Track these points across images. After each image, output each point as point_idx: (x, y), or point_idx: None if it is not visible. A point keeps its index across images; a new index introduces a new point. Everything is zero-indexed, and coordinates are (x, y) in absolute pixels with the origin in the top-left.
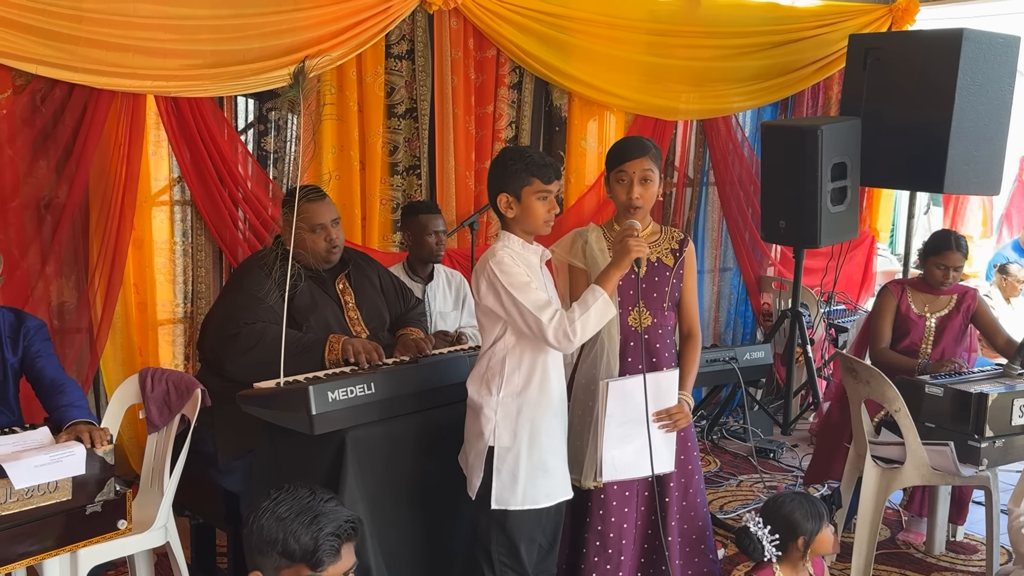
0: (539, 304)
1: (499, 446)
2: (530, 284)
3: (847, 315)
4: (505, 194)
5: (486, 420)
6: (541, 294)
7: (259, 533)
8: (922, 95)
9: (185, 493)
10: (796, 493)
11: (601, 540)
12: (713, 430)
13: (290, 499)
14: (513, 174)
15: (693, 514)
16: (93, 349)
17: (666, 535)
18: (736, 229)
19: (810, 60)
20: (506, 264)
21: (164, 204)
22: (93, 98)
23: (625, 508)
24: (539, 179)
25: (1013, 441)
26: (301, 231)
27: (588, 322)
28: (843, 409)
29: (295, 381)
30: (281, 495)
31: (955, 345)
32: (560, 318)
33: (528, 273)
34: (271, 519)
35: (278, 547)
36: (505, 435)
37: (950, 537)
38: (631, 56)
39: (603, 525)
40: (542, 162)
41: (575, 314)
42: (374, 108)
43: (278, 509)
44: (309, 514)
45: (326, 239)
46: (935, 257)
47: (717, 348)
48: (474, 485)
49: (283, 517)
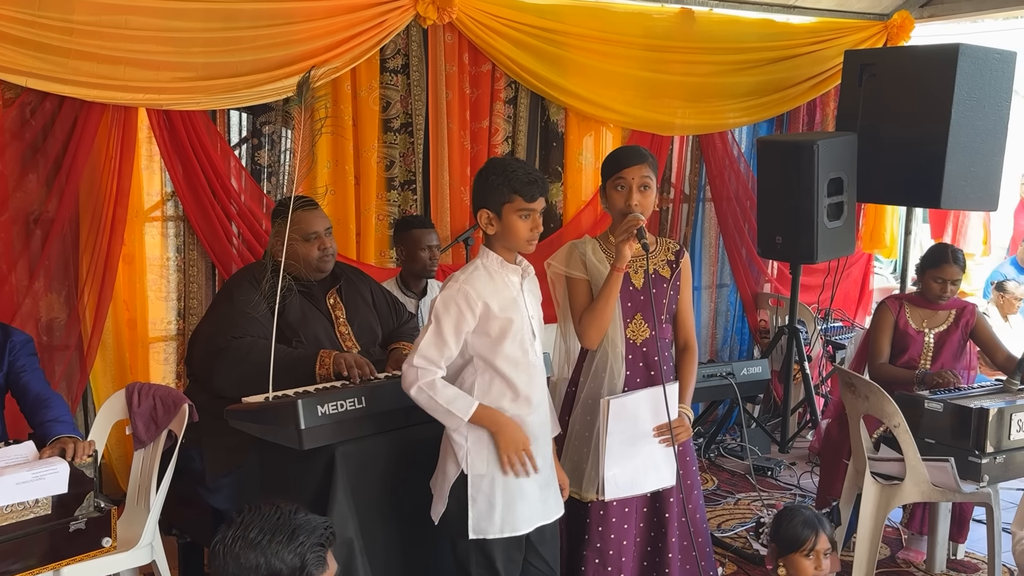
0: (430, 352)
1: (472, 474)
2: (450, 331)
3: (844, 332)
4: (486, 210)
5: (458, 447)
6: (447, 348)
7: (235, 562)
8: (918, 111)
9: (172, 511)
10: (794, 508)
11: (600, 556)
12: (711, 448)
13: (258, 521)
14: (495, 190)
15: (693, 530)
16: (83, 366)
17: (666, 551)
18: (733, 245)
19: (806, 76)
20: (461, 299)
21: (157, 220)
22: (84, 111)
23: (624, 524)
24: (521, 197)
25: (1014, 457)
26: (294, 241)
27: (434, 403)
28: (842, 426)
29: (284, 396)
30: (245, 519)
31: (954, 361)
32: (426, 375)
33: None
34: (244, 546)
35: (262, 571)
36: (478, 463)
37: (951, 555)
38: (627, 71)
39: (602, 541)
40: (526, 179)
41: (439, 388)
42: (369, 122)
43: (249, 534)
44: (285, 531)
45: (320, 247)
46: (932, 270)
47: (714, 363)
48: (437, 512)
49: (257, 541)
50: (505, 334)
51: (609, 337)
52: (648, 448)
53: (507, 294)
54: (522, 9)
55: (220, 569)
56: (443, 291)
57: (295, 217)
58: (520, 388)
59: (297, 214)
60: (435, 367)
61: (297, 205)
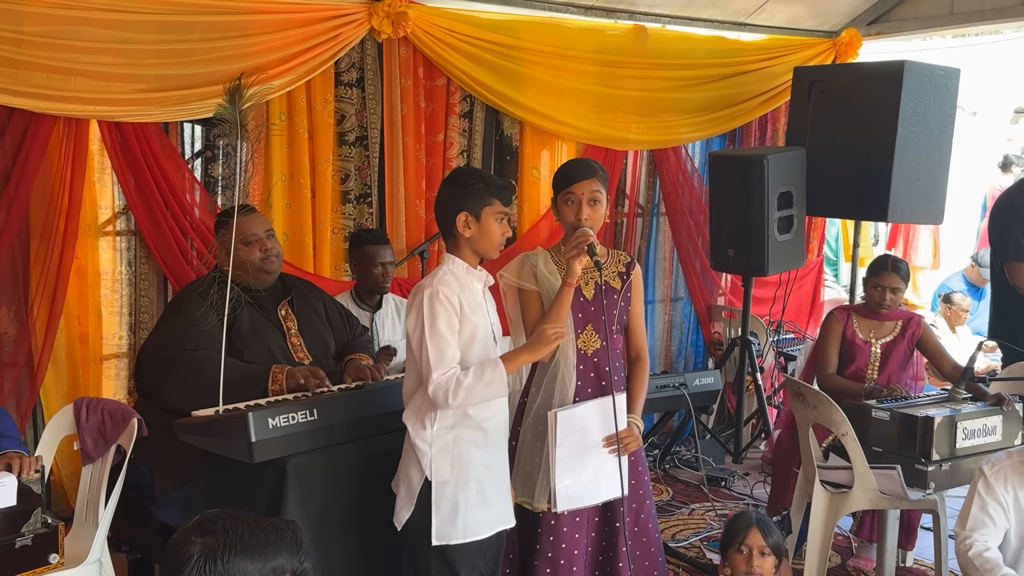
0: (440, 356)
1: (436, 480)
2: (448, 333)
3: (796, 343)
4: (465, 212)
5: (422, 454)
6: (449, 349)
7: (226, 572)
8: (866, 126)
9: (122, 528)
10: (741, 512)
11: (551, 566)
12: (665, 459)
13: (242, 526)
14: (475, 193)
15: (645, 540)
16: (32, 381)
17: (617, 561)
18: (687, 258)
19: (756, 92)
20: (441, 299)
21: (109, 234)
22: (34, 122)
23: (576, 534)
24: (499, 200)
25: (959, 465)
26: (237, 249)
27: (473, 393)
28: (793, 436)
29: (234, 409)
30: (227, 526)
31: (900, 371)
32: (449, 378)
33: (457, 313)
34: (238, 554)
35: (263, 570)
36: (442, 468)
37: (900, 563)
38: (581, 86)
39: (553, 552)
40: (501, 183)
41: (467, 380)
42: (324, 136)
43: (239, 541)
44: (273, 531)
45: (261, 249)
46: (873, 278)
47: (667, 375)
48: (402, 517)
49: (252, 545)
50: (474, 337)
51: (561, 348)
52: (598, 459)
53: (474, 299)
54: (477, 24)
55: None
56: (415, 300)
57: (232, 224)
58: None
59: (236, 220)
60: (445, 365)
61: (234, 211)
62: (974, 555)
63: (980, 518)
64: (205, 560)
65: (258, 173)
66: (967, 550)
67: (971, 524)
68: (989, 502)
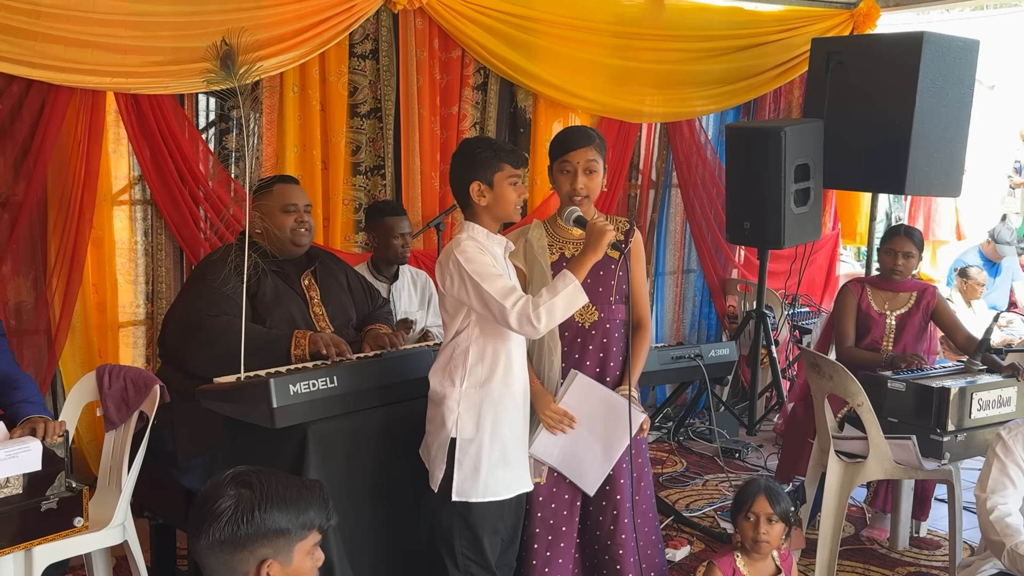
0: (503, 291)
1: (461, 438)
2: (495, 272)
3: (811, 317)
4: (477, 182)
5: (448, 411)
6: (506, 281)
7: (260, 524)
8: (884, 98)
9: (144, 493)
10: (751, 480)
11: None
12: (679, 431)
13: (274, 480)
14: (484, 161)
15: (644, 507)
16: (51, 350)
17: (619, 533)
18: (699, 231)
19: (773, 64)
20: (471, 253)
21: (124, 204)
22: (51, 95)
23: (565, 494)
24: (510, 164)
25: (974, 435)
26: (272, 213)
27: (555, 308)
28: (807, 407)
29: (256, 376)
30: (257, 479)
31: (915, 342)
32: (524, 303)
33: (494, 263)
34: (272, 506)
35: (292, 525)
36: (468, 426)
37: (914, 533)
38: (596, 58)
39: (552, 517)
40: (509, 148)
41: (542, 299)
42: (337, 108)
43: (274, 492)
44: (300, 485)
45: (297, 219)
46: (885, 244)
47: (683, 346)
48: (436, 477)
49: (283, 497)
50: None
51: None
52: (588, 445)
53: (497, 262)
54: None
55: (230, 535)
56: (448, 264)
57: (275, 189)
58: (513, 354)
59: (278, 187)
60: (514, 294)
61: (279, 179)
62: (996, 519)
63: (1000, 480)
64: (242, 511)
65: (270, 144)
66: (989, 513)
67: (991, 486)
68: (1008, 464)
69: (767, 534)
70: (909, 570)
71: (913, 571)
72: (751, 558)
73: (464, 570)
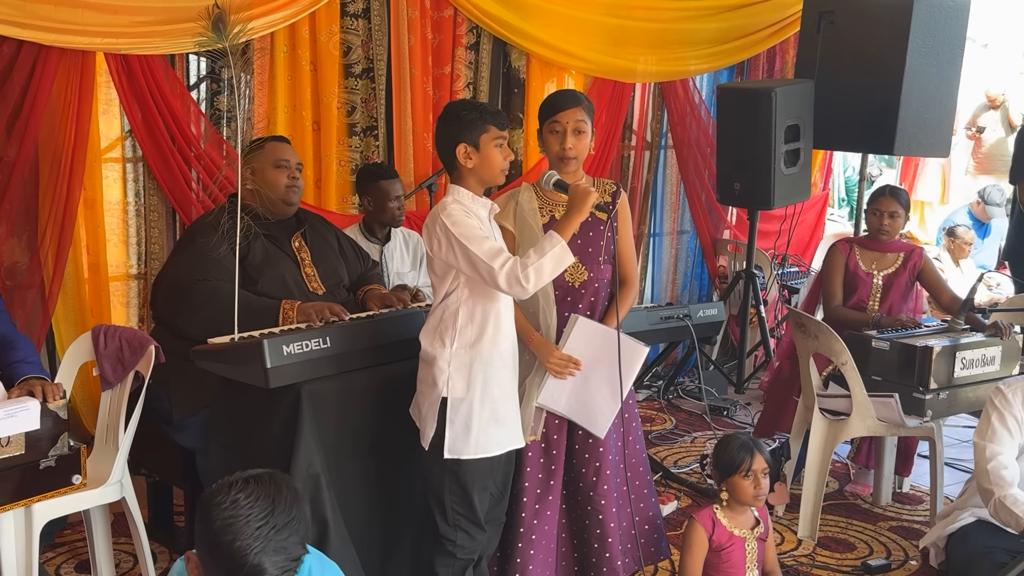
0: (491, 252)
1: (452, 397)
2: (482, 234)
3: (800, 276)
4: (464, 144)
5: (439, 372)
6: (493, 243)
7: (272, 553)
8: (874, 58)
9: (141, 451)
10: (731, 436)
11: (542, 487)
12: (669, 389)
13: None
14: (470, 123)
15: (634, 460)
16: (45, 309)
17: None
18: (693, 192)
19: (766, 24)
20: (457, 216)
21: (115, 161)
22: (42, 55)
23: (553, 449)
24: (495, 126)
25: (957, 394)
26: (264, 170)
27: (543, 268)
28: (793, 365)
29: (249, 336)
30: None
31: (902, 302)
32: (512, 264)
33: (480, 225)
34: (277, 533)
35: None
36: (459, 386)
37: (896, 488)
38: (590, 17)
39: (541, 471)
40: (495, 110)
41: (529, 260)
42: (329, 68)
43: (280, 519)
44: (295, 502)
45: (289, 176)
46: (872, 204)
47: (672, 306)
48: (427, 435)
49: (286, 523)
50: None
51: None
52: (594, 386)
53: (483, 224)
54: None
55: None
56: (434, 227)
57: (268, 146)
58: (502, 314)
59: (270, 144)
60: (502, 255)
61: (271, 138)
62: (992, 468)
63: (999, 429)
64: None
65: (261, 105)
66: (988, 461)
67: (990, 435)
68: (1007, 415)
69: (765, 488)
70: (891, 524)
71: (895, 525)
72: (733, 510)
73: (454, 524)
